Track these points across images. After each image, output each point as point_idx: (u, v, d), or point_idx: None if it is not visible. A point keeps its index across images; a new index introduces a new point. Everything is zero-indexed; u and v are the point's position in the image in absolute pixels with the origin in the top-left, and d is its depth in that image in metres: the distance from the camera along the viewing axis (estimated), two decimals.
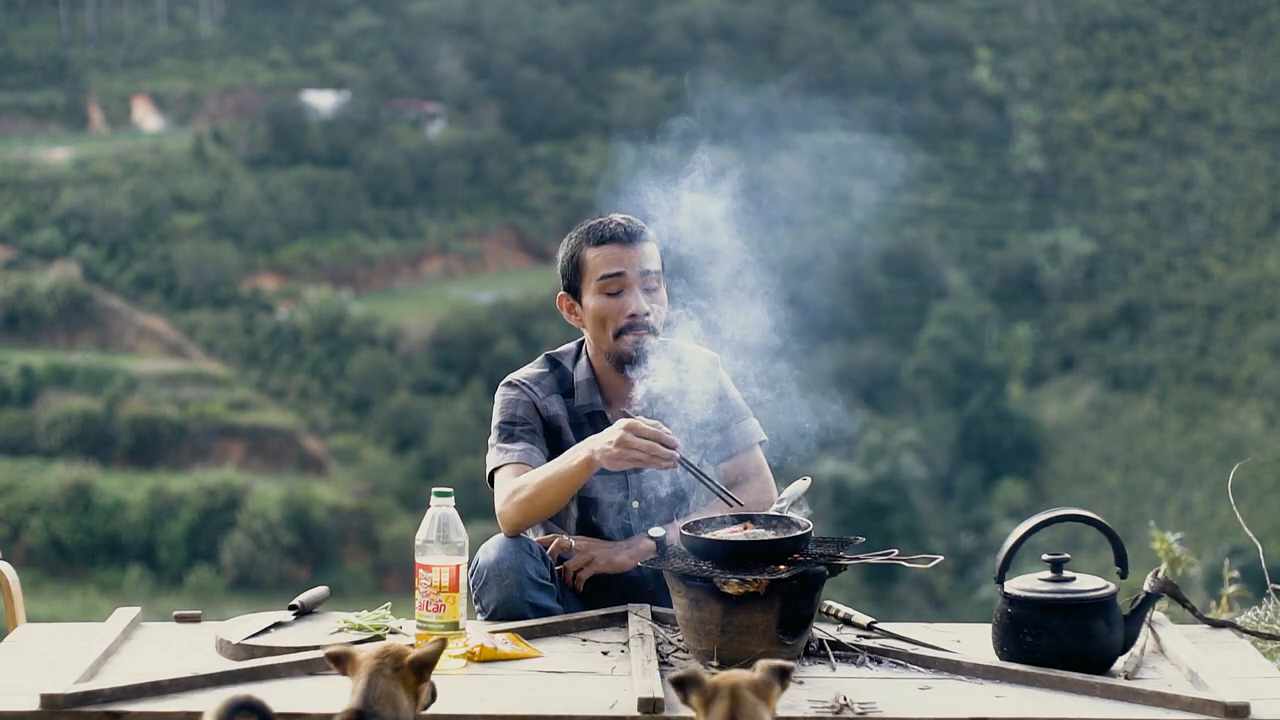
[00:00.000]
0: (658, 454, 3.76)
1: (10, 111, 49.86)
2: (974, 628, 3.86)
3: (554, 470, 3.92)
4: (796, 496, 3.93)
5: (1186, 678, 3.46)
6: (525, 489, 3.94)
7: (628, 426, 3.78)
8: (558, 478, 3.90)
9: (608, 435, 3.81)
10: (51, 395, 39.78)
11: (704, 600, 3.53)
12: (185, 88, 51.66)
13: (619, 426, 3.79)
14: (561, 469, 3.90)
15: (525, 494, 3.94)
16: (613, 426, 3.83)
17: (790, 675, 2.79)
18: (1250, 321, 44.41)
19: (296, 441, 40.19)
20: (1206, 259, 46.98)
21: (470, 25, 54.02)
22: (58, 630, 3.83)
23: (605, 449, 3.79)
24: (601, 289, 4.08)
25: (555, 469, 3.92)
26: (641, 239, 4.11)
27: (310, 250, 46.29)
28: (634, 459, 3.77)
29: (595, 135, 50.33)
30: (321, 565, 35.52)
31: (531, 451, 4.06)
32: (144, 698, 3.27)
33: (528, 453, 4.06)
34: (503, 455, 4.07)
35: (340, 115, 50.25)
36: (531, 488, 3.93)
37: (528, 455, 4.05)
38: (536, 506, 3.94)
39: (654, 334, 4.07)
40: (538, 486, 3.92)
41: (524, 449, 4.06)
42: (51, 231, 44.98)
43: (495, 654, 3.58)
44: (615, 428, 3.80)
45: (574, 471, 3.88)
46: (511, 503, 3.96)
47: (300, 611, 3.84)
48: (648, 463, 3.79)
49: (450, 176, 48.80)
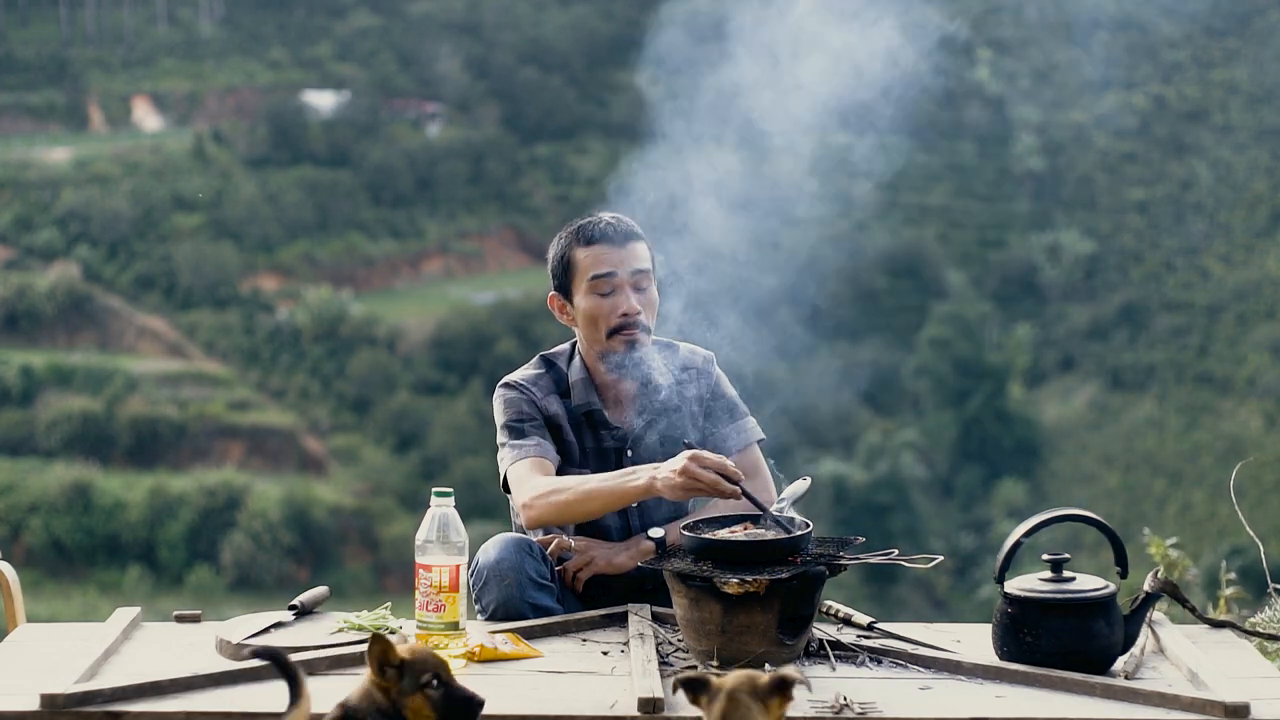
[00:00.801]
0: (721, 488, 3.69)
1: (10, 111, 49.85)
2: (974, 628, 3.86)
3: (606, 485, 3.86)
4: (796, 496, 3.93)
5: (1186, 678, 3.47)
6: (567, 492, 3.90)
7: (693, 457, 3.70)
8: (609, 494, 3.85)
9: (671, 464, 3.73)
10: (51, 395, 39.78)
11: (704, 600, 3.53)
12: (185, 88, 51.66)
13: (684, 457, 3.71)
14: (615, 486, 3.84)
15: (566, 497, 3.89)
16: (678, 456, 3.74)
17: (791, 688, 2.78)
18: (1250, 321, 44.39)
19: (296, 441, 40.19)
20: (1206, 259, 46.97)
21: (470, 25, 54.01)
22: (58, 630, 3.83)
23: (669, 478, 3.71)
24: (592, 289, 4.08)
25: (609, 484, 3.85)
26: (632, 238, 4.11)
27: (310, 250, 46.28)
28: (697, 490, 3.70)
29: (595, 135, 50.33)
30: (321, 565, 35.52)
31: (545, 446, 4.05)
32: (144, 698, 3.27)
33: (541, 446, 4.04)
34: (517, 451, 4.04)
35: (340, 115, 50.24)
36: (576, 493, 3.89)
37: (542, 449, 4.04)
38: (577, 513, 3.91)
39: (646, 333, 4.08)
40: (583, 495, 3.88)
41: (537, 443, 4.05)
42: (51, 231, 44.98)
43: (495, 654, 3.58)
44: (680, 458, 3.72)
45: (630, 492, 3.83)
46: (547, 500, 3.92)
47: (300, 611, 3.84)
48: (710, 494, 3.72)
49: (450, 176, 48.80)
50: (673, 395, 4.15)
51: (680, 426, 4.09)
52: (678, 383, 4.17)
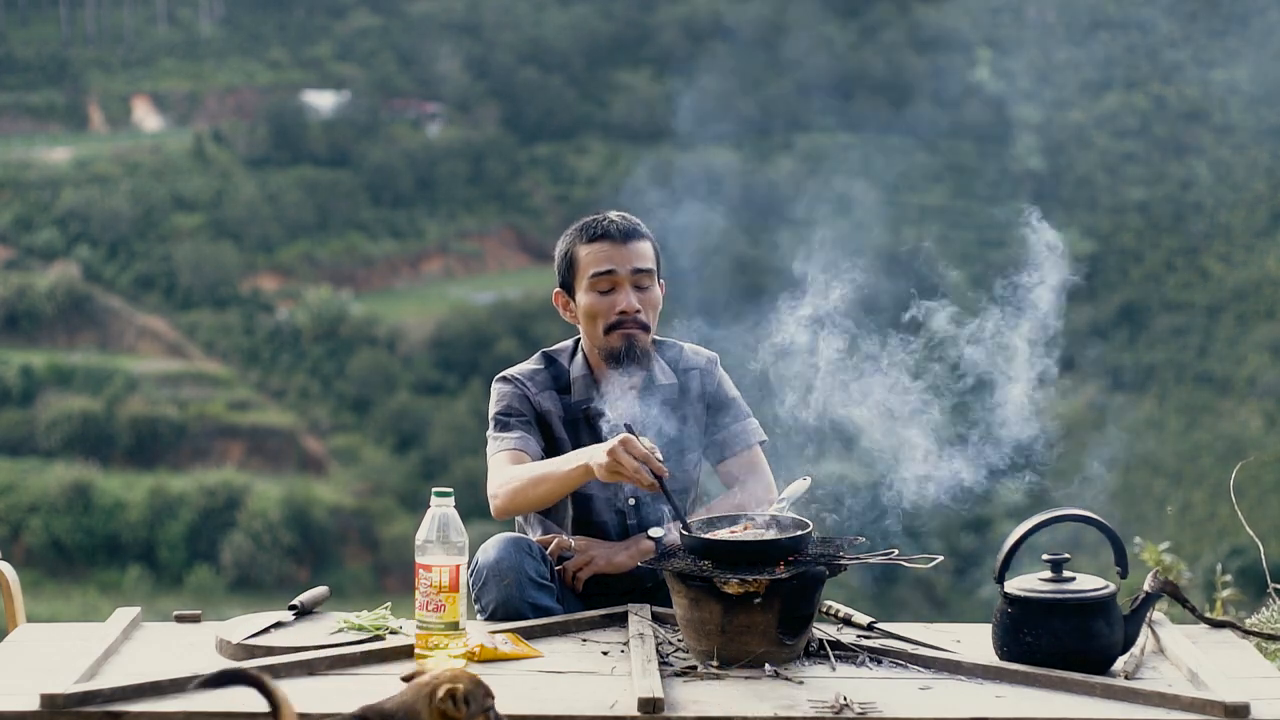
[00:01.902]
0: (641, 477, 3.70)
1: (10, 111, 49.85)
2: (974, 628, 3.86)
3: (550, 469, 3.92)
4: (797, 496, 3.93)
5: (1186, 678, 3.47)
6: (518, 479, 3.96)
7: (622, 441, 3.73)
8: (552, 477, 3.91)
9: (604, 446, 3.76)
10: (51, 395, 39.77)
11: (704, 600, 3.54)
12: (185, 88, 51.65)
13: (615, 441, 3.74)
14: (556, 470, 3.90)
15: (517, 484, 3.96)
16: (611, 441, 3.77)
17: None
18: (1250, 321, 44.38)
19: (296, 441, 40.18)
20: (1206, 259, 46.96)
21: (470, 25, 54.00)
22: (58, 630, 3.83)
23: (599, 459, 3.76)
24: (593, 286, 4.09)
25: (551, 468, 3.92)
26: (635, 237, 4.11)
27: (310, 250, 46.27)
28: (620, 476, 3.73)
29: (595, 135, 50.33)
30: (321, 565, 35.51)
31: (527, 439, 4.08)
32: (144, 698, 3.27)
33: (523, 440, 4.08)
34: (498, 443, 4.09)
35: (340, 115, 50.24)
36: (525, 479, 3.95)
37: (523, 442, 4.07)
38: (529, 499, 3.96)
39: (645, 330, 4.08)
40: (531, 480, 3.93)
41: (520, 436, 4.08)
42: (51, 231, 44.97)
43: (495, 654, 3.58)
44: (611, 442, 3.75)
45: (568, 475, 3.88)
46: (504, 488, 3.98)
47: (300, 611, 3.84)
48: (631, 481, 3.73)
49: (450, 176, 48.79)
50: (674, 394, 4.15)
51: (680, 425, 4.10)
52: (680, 382, 4.18)
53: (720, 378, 4.25)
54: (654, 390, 4.13)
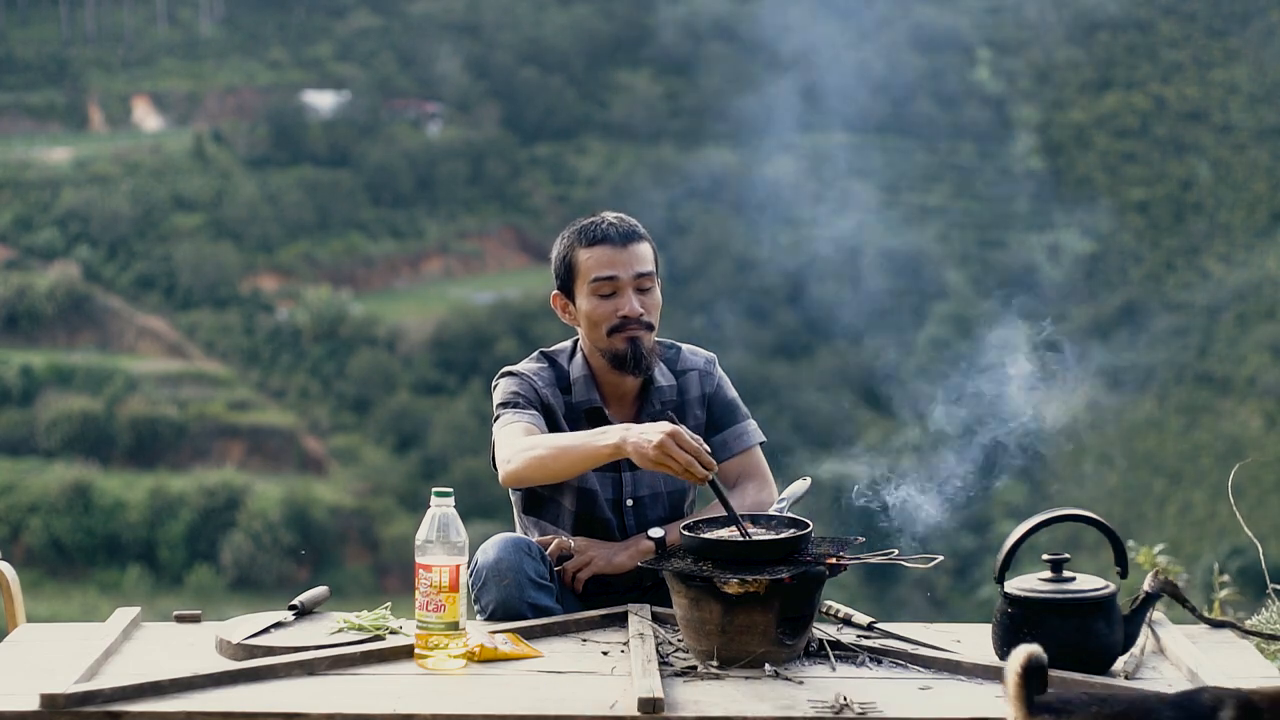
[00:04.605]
0: (694, 471, 3.61)
1: (10, 111, 49.84)
2: (974, 628, 3.86)
3: (578, 441, 3.81)
4: (796, 496, 3.93)
5: (1186, 678, 3.47)
6: (540, 446, 3.85)
7: (672, 434, 3.61)
8: (579, 450, 3.78)
9: (647, 432, 3.65)
10: (51, 395, 39.75)
11: (704, 600, 3.54)
12: (185, 88, 51.64)
13: (662, 429, 3.63)
14: (586, 442, 3.78)
15: (539, 452, 3.84)
16: (655, 425, 3.66)
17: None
18: (1250, 321, 44.38)
19: (296, 441, 40.17)
20: (1206, 259, 46.97)
21: (470, 25, 54.00)
22: (58, 630, 3.83)
23: (640, 444, 3.64)
24: (595, 291, 4.07)
25: (579, 440, 3.80)
26: (634, 239, 4.10)
27: (310, 250, 46.27)
28: (667, 467, 3.63)
29: (595, 135, 50.32)
30: (321, 565, 35.50)
31: (540, 420, 4.02)
32: (144, 698, 3.27)
33: (536, 419, 4.02)
34: (510, 416, 4.01)
35: (340, 115, 50.23)
36: (548, 449, 3.83)
37: (537, 420, 4.01)
38: (547, 470, 3.85)
39: (649, 330, 4.08)
40: (555, 449, 3.82)
41: (533, 415, 4.02)
42: (51, 231, 44.96)
43: (495, 654, 3.58)
44: (658, 428, 3.64)
45: (599, 450, 3.75)
46: (521, 455, 3.87)
47: (300, 611, 3.84)
48: (681, 475, 3.63)
49: (450, 176, 48.78)
50: (674, 395, 4.15)
51: None
52: (679, 383, 4.18)
53: (719, 378, 4.25)
54: (654, 390, 4.13)
